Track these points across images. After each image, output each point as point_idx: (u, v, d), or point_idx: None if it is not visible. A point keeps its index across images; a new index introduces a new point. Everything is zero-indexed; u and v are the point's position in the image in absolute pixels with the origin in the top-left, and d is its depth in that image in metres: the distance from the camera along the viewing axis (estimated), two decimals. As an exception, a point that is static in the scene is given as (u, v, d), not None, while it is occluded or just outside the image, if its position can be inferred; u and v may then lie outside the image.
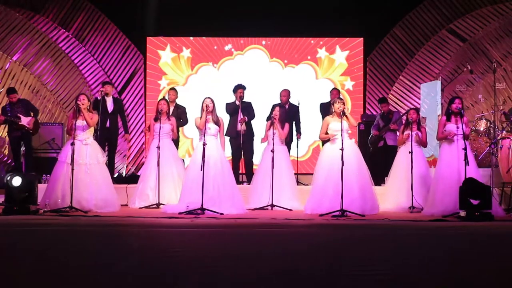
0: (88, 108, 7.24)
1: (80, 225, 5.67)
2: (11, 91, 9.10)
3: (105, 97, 8.74)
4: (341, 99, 7.33)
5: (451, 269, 3.78)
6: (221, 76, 11.61)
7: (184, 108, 9.14)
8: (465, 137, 6.82)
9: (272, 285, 3.42)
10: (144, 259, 3.91)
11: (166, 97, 9.04)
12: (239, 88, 8.98)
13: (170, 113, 8.41)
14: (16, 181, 6.49)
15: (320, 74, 11.62)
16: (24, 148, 9.17)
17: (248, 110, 8.98)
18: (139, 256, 4.04)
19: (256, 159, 9.05)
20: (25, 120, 8.96)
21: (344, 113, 6.92)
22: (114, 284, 3.38)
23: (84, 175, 6.96)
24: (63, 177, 6.91)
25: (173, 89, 9.30)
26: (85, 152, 7.04)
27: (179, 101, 9.23)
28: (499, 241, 4.96)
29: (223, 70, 11.71)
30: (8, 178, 6.50)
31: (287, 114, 9.03)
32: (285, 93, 9.30)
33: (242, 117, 8.80)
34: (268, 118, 9.05)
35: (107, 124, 8.76)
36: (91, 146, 7.15)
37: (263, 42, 11.66)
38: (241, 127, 8.79)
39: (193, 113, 7.44)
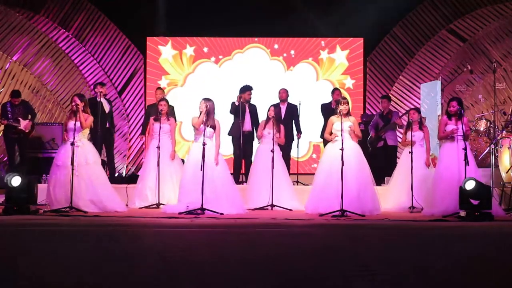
0: (83, 109, 7.16)
1: (80, 225, 5.67)
2: (15, 94, 9.15)
3: (102, 99, 8.77)
4: (344, 98, 7.37)
5: (451, 269, 3.78)
6: (221, 75, 11.60)
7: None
8: (465, 137, 6.83)
9: (272, 285, 3.42)
10: (143, 259, 3.92)
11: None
12: (247, 90, 8.94)
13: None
14: (16, 181, 6.50)
15: (321, 75, 11.61)
16: (18, 149, 9.21)
17: (254, 116, 8.97)
18: (138, 256, 4.04)
19: (255, 160, 9.07)
20: (23, 124, 9.02)
21: (348, 115, 7.00)
22: (113, 284, 3.37)
23: (72, 177, 6.84)
24: (59, 180, 6.92)
25: (159, 88, 9.70)
26: (74, 154, 6.94)
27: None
28: (499, 241, 4.96)
29: (224, 70, 11.70)
30: (8, 178, 6.50)
31: (287, 114, 9.03)
32: (284, 90, 9.29)
33: (250, 119, 8.78)
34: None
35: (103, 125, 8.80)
36: (81, 148, 7.04)
37: (275, 46, 11.66)
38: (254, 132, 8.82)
39: (192, 113, 7.44)
